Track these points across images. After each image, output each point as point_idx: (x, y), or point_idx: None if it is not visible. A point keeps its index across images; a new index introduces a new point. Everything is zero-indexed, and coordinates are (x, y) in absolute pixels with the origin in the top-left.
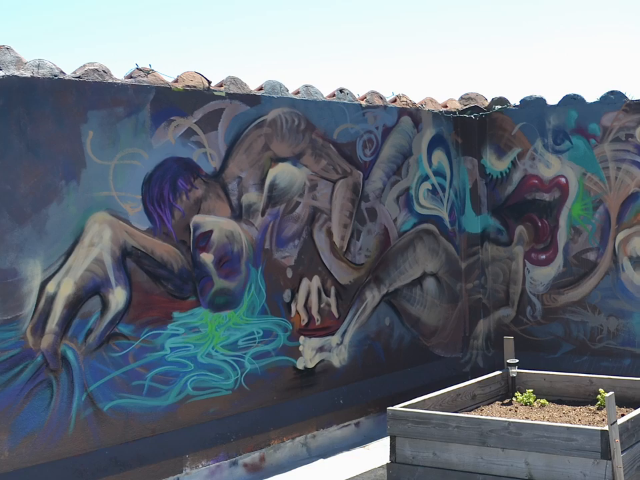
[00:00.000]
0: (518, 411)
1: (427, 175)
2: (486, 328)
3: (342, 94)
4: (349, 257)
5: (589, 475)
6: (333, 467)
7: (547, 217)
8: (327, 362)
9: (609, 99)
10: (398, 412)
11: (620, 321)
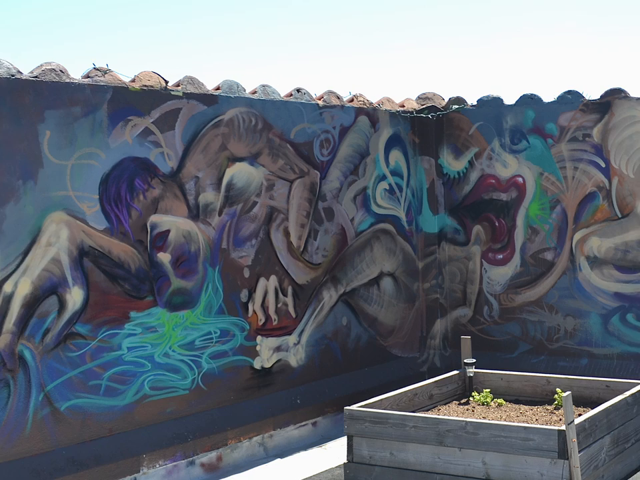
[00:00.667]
0: (475, 411)
1: (384, 174)
2: (443, 328)
3: (299, 94)
4: (306, 256)
5: (546, 475)
6: (290, 467)
7: (504, 217)
8: (284, 362)
9: (566, 99)
10: (355, 412)
11: (577, 320)
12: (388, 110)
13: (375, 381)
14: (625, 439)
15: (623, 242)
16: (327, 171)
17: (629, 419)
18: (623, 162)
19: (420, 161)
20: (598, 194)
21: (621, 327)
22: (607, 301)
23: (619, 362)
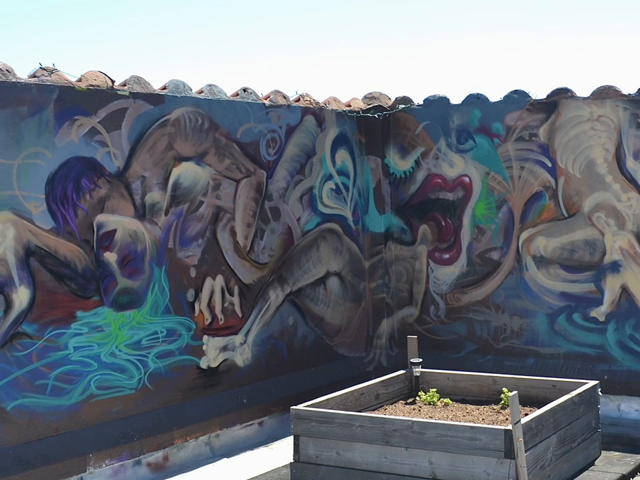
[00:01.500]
0: (421, 411)
1: (330, 174)
2: (389, 327)
3: (245, 93)
4: (253, 256)
5: (492, 475)
6: (237, 467)
7: (450, 217)
8: (230, 361)
9: (513, 98)
10: (301, 411)
11: (523, 320)
12: (334, 110)
13: (321, 381)
14: (572, 438)
15: (570, 241)
16: (273, 170)
17: (575, 418)
18: (570, 161)
19: (366, 160)
20: (544, 193)
21: (568, 326)
22: (554, 300)
23: (566, 361)
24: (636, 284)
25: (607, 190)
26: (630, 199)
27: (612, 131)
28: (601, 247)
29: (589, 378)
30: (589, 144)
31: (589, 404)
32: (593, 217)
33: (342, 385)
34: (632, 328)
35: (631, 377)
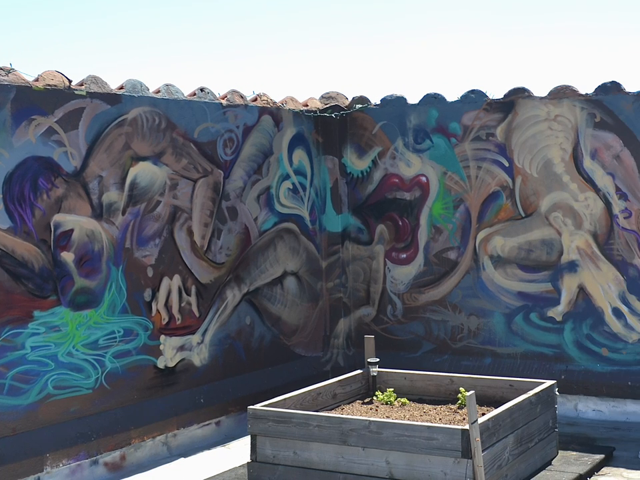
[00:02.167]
0: (379, 410)
1: (287, 174)
2: (347, 327)
3: (202, 93)
4: (210, 255)
5: (449, 474)
6: (194, 466)
7: (407, 216)
8: (187, 361)
9: (470, 98)
10: (258, 411)
11: (480, 320)
12: (291, 109)
13: (278, 380)
14: (529, 438)
15: (527, 241)
16: (230, 170)
17: (532, 418)
18: (527, 161)
19: (323, 160)
20: (501, 193)
21: (525, 326)
22: (511, 300)
23: (523, 361)
24: (593, 284)
25: (564, 190)
26: (587, 199)
27: (569, 131)
28: (558, 246)
29: (546, 378)
30: (546, 144)
31: (546, 404)
32: (550, 216)
33: (299, 385)
34: (589, 328)
35: (588, 376)
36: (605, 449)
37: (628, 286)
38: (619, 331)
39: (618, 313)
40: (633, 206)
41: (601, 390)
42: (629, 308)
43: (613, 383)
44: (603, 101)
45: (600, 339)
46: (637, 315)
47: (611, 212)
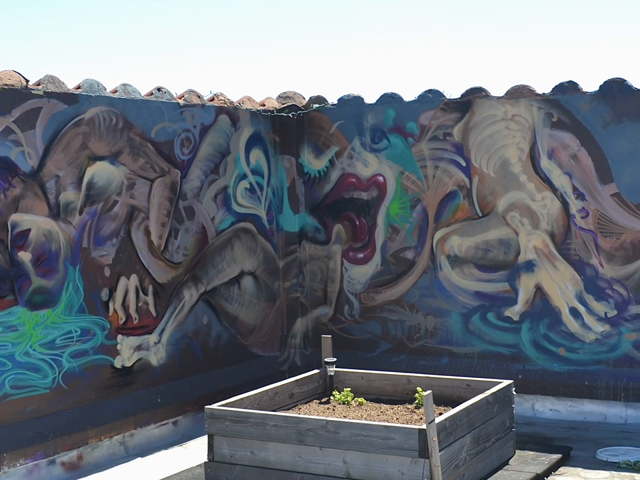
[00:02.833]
0: (336, 410)
1: (244, 173)
2: (304, 327)
3: (160, 92)
4: (167, 255)
5: (406, 474)
6: (151, 466)
7: (364, 216)
8: (144, 361)
9: (427, 98)
10: (216, 411)
11: (438, 319)
12: (248, 109)
13: (235, 380)
14: (486, 437)
15: (484, 241)
16: (187, 170)
17: (489, 418)
18: (484, 161)
19: (281, 159)
20: (459, 193)
21: (482, 326)
22: (468, 300)
23: (480, 361)
24: (550, 283)
25: (521, 189)
26: (544, 199)
27: (526, 131)
28: (515, 246)
29: (503, 377)
30: (503, 143)
31: (503, 403)
32: (507, 216)
33: (256, 385)
34: (546, 327)
35: (545, 376)
36: (562, 449)
37: (585, 286)
38: (576, 331)
39: (575, 313)
40: (590, 206)
41: (558, 390)
42: (586, 308)
43: (570, 382)
44: (560, 100)
45: (557, 338)
46: (594, 314)
47: (568, 212)
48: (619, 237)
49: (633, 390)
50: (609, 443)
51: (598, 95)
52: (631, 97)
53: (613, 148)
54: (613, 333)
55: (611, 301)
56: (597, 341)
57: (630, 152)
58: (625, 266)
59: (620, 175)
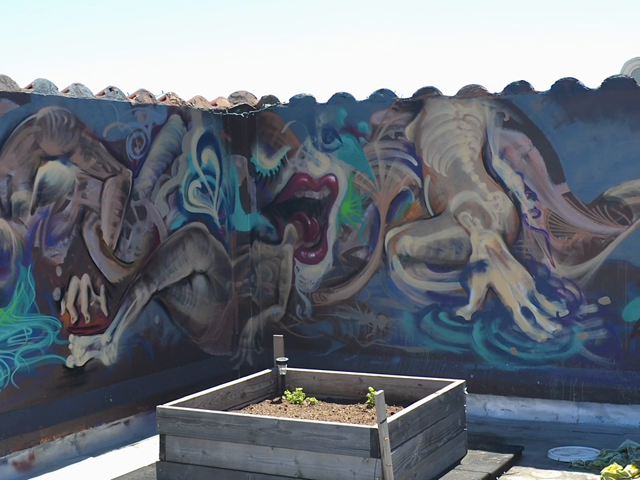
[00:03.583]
0: (288, 410)
1: (196, 173)
2: (255, 326)
3: (111, 92)
4: (119, 255)
5: (358, 474)
6: (103, 466)
7: (316, 216)
8: (96, 360)
9: (379, 97)
10: (167, 410)
11: (389, 319)
12: (200, 109)
13: (187, 380)
14: (438, 437)
15: (436, 240)
16: (139, 169)
17: (441, 417)
18: (435, 160)
19: (232, 159)
20: (410, 192)
21: (434, 325)
22: (420, 299)
23: (432, 360)
24: (502, 283)
25: (472, 189)
26: (496, 198)
27: (478, 130)
28: (467, 246)
29: (455, 377)
30: (454, 143)
31: (455, 403)
32: (459, 216)
33: (208, 384)
34: (498, 327)
35: (497, 376)
36: (514, 449)
37: (537, 285)
38: (527, 331)
39: (527, 313)
40: (541, 205)
41: (510, 389)
42: (538, 307)
43: (522, 382)
44: (512, 100)
45: (509, 338)
46: (545, 314)
47: (519, 211)
48: (570, 236)
49: (585, 390)
50: (560, 443)
51: (550, 95)
52: (583, 96)
53: (565, 148)
54: (565, 332)
55: (563, 301)
56: (549, 340)
57: (581, 152)
58: (577, 266)
59: (572, 175)
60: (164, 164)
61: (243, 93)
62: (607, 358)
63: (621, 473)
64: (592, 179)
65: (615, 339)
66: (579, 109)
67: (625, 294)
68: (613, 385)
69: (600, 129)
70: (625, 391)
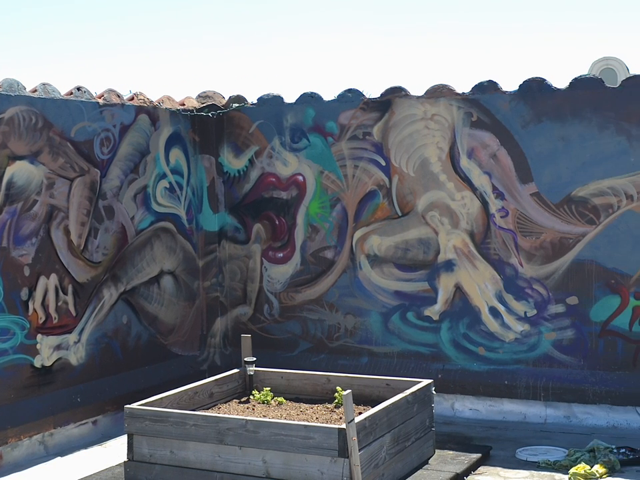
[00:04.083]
0: (255, 409)
1: (164, 173)
2: (223, 326)
3: (79, 92)
4: (87, 255)
5: (326, 473)
6: (71, 465)
7: (284, 215)
8: (64, 360)
9: (347, 97)
10: (135, 410)
11: (357, 319)
12: (168, 108)
13: (155, 380)
14: (406, 437)
15: (403, 240)
16: (107, 169)
17: (409, 417)
18: (403, 160)
19: (200, 159)
20: (378, 192)
21: (401, 325)
22: (387, 299)
23: (399, 360)
24: (470, 283)
25: (440, 189)
26: (464, 198)
27: (446, 130)
28: (435, 245)
29: (423, 377)
30: (422, 143)
31: (422, 403)
32: (427, 215)
33: (176, 384)
34: (466, 327)
35: (465, 375)
36: (482, 448)
37: (505, 285)
38: (495, 330)
39: (495, 312)
40: (509, 205)
41: (478, 389)
42: (506, 307)
43: (490, 382)
44: (480, 100)
45: (477, 338)
46: (513, 314)
47: (487, 211)
48: (538, 236)
49: (553, 389)
50: (528, 443)
51: (517, 95)
52: (551, 96)
53: (533, 147)
54: (533, 332)
55: (531, 301)
56: (517, 340)
57: (549, 151)
58: (545, 265)
59: (539, 175)
60: (132, 164)
61: (211, 92)
62: (575, 358)
63: (589, 473)
64: (560, 179)
65: (582, 339)
66: (546, 109)
67: (593, 294)
68: (580, 384)
69: (568, 129)
70: (592, 390)
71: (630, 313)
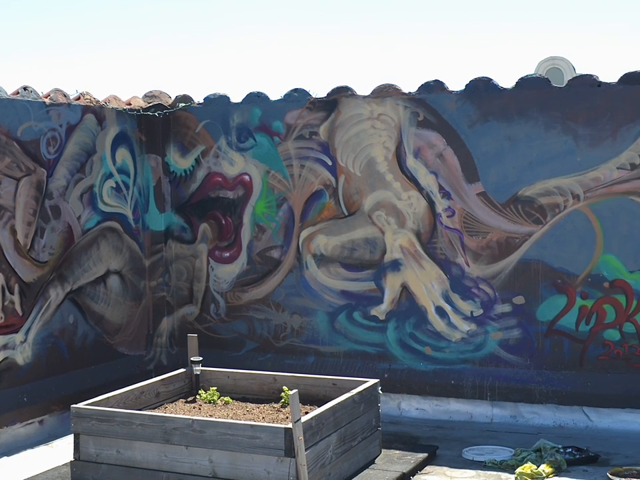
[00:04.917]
0: (202, 409)
1: (110, 172)
2: (170, 326)
3: (26, 92)
4: (33, 254)
5: (272, 473)
6: (17, 465)
7: (230, 215)
8: (10, 360)
9: (293, 97)
10: (82, 410)
11: (304, 318)
12: (115, 108)
13: (102, 379)
14: (352, 437)
15: (350, 240)
16: (53, 169)
17: (355, 417)
18: (350, 160)
19: (147, 159)
20: (325, 192)
21: (348, 325)
22: (334, 299)
23: (346, 360)
24: (416, 282)
25: (387, 188)
26: (410, 198)
27: (392, 130)
28: (382, 245)
29: (369, 376)
30: (369, 142)
31: (369, 402)
32: (374, 215)
33: (122, 384)
34: (412, 326)
35: (411, 375)
36: (428, 448)
37: (451, 285)
38: (442, 330)
39: (441, 312)
40: (456, 205)
41: (424, 389)
42: (452, 307)
43: (436, 381)
44: (426, 99)
45: (423, 337)
46: (460, 313)
47: (434, 211)
48: (484, 236)
49: (499, 389)
50: (474, 442)
51: (464, 94)
52: (497, 96)
53: (479, 147)
54: (479, 332)
55: (477, 300)
56: (463, 340)
57: (496, 151)
58: (491, 265)
59: (486, 174)
60: (78, 163)
61: (157, 92)
62: (521, 357)
63: (535, 473)
64: (506, 179)
65: (529, 339)
66: (493, 109)
67: (540, 293)
68: (527, 384)
69: (514, 129)
70: (539, 390)
71: (576, 313)
